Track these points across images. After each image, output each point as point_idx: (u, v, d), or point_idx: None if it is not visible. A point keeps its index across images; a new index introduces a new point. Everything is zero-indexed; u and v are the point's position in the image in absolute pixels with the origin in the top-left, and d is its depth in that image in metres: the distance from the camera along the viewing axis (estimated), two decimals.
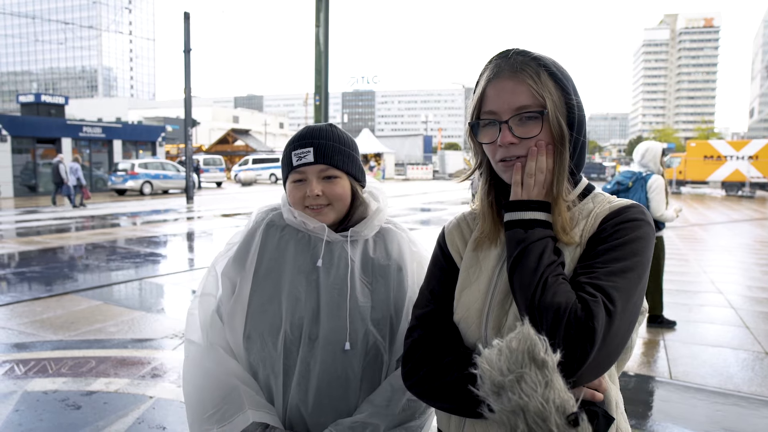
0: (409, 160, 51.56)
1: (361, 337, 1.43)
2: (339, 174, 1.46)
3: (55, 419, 3.63)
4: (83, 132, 28.80)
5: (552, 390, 0.87)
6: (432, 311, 1.24)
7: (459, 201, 21.72)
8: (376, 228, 1.54)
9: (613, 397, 1.11)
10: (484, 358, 0.92)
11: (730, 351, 5.04)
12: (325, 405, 1.42)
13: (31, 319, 5.89)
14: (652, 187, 5.30)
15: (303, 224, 1.47)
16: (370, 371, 1.46)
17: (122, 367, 4.53)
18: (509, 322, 1.10)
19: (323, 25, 12.04)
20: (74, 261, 9.66)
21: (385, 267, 1.51)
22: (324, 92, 12.35)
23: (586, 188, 1.20)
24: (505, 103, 1.11)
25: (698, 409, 3.92)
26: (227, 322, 1.47)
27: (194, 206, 20.54)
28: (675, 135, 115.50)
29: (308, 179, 1.45)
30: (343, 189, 1.47)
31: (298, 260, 1.46)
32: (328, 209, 1.46)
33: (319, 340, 1.42)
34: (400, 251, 1.56)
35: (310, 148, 1.44)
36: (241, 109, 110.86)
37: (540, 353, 0.89)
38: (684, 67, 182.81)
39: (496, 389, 0.89)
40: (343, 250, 1.48)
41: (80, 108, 71.44)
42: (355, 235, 1.50)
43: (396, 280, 1.51)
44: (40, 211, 18.55)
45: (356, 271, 1.47)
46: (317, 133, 1.47)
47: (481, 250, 1.22)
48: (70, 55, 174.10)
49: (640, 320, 1.11)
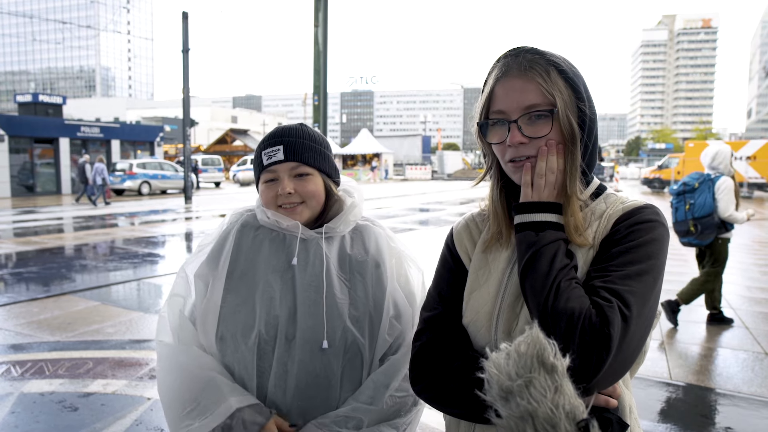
0: (408, 160, 51.54)
1: (340, 335, 1.41)
2: (311, 171, 1.45)
3: (52, 421, 3.60)
4: (81, 132, 28.74)
5: (562, 395, 0.84)
6: (440, 314, 1.21)
7: (458, 201, 21.71)
8: (351, 224, 1.52)
9: (627, 402, 1.09)
10: (492, 362, 0.89)
11: (730, 351, 5.03)
12: (305, 406, 1.40)
13: (28, 320, 5.86)
14: (720, 189, 5.33)
15: (277, 223, 1.45)
16: (350, 370, 1.43)
17: (120, 368, 4.50)
18: (520, 325, 1.08)
19: (322, 25, 12.03)
20: (72, 261, 9.62)
21: (362, 263, 1.49)
22: (323, 92, 12.34)
23: (598, 188, 1.17)
24: (514, 102, 1.08)
25: (698, 410, 3.90)
26: (200, 324, 1.44)
27: (192, 206, 20.51)
28: (673, 135, 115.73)
29: (280, 178, 1.44)
30: (315, 186, 1.46)
31: (272, 260, 1.44)
32: (301, 207, 1.45)
33: (296, 339, 1.39)
34: (378, 247, 1.53)
35: (280, 146, 1.44)
36: (240, 109, 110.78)
37: (549, 357, 0.86)
38: (682, 67, 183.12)
39: (504, 394, 0.86)
40: (318, 247, 1.46)
41: (78, 108, 71.39)
42: (330, 231, 1.48)
43: (374, 277, 1.49)
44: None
45: (333, 267, 1.45)
46: (287, 132, 1.46)
47: (490, 252, 1.19)
48: (68, 54, 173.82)
49: (654, 323, 1.09)
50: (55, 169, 27.58)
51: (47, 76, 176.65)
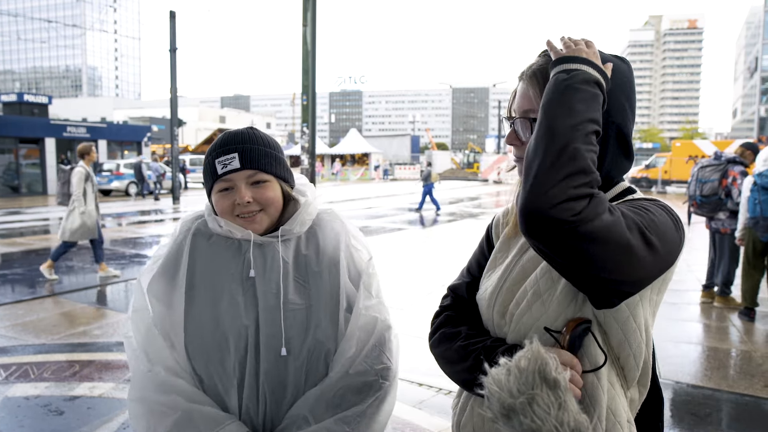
0: (397, 160, 51.50)
1: (300, 341, 1.38)
2: (268, 178, 1.41)
3: (38, 425, 3.55)
4: (67, 132, 28.44)
5: (566, 412, 0.82)
6: (463, 283, 1.34)
7: (446, 201, 21.71)
8: (307, 222, 1.48)
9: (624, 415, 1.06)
10: (492, 378, 0.87)
11: (720, 350, 5.06)
12: (277, 414, 1.37)
13: (12, 323, 5.77)
14: None
15: (230, 233, 1.40)
16: (315, 375, 1.39)
17: (107, 371, 4.44)
18: (511, 309, 1.12)
19: (310, 24, 11.97)
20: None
21: (319, 262, 1.45)
22: (311, 92, 12.28)
23: (627, 190, 1.16)
24: (517, 104, 1.16)
25: (688, 408, 3.92)
26: (167, 342, 1.38)
27: (181, 207, 20.36)
28: (660, 135, 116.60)
29: (236, 186, 1.39)
30: (274, 192, 1.42)
31: (231, 268, 1.40)
32: (261, 215, 1.41)
33: (261, 347, 1.36)
34: (336, 242, 1.50)
35: (235, 154, 1.38)
36: (228, 109, 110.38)
37: (551, 372, 0.84)
38: (669, 67, 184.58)
39: (506, 412, 0.84)
40: (275, 251, 1.42)
41: (64, 108, 70.61)
42: (287, 233, 1.44)
43: (329, 273, 1.45)
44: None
45: (290, 271, 1.42)
46: (240, 138, 1.41)
47: (511, 239, 1.26)
48: (54, 54, 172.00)
49: (652, 322, 1.10)
50: (41, 170, 27.27)
51: (32, 76, 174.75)
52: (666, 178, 28.46)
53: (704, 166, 6.47)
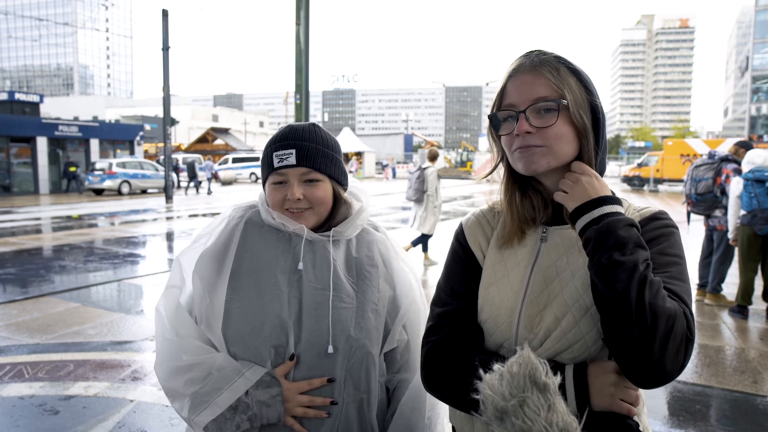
0: (390, 158, 51.52)
1: (345, 339, 1.39)
2: (321, 177, 1.42)
3: (32, 425, 3.55)
4: (59, 131, 28.27)
5: (555, 413, 0.87)
6: (455, 310, 1.22)
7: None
8: (359, 228, 1.50)
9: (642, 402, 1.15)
10: (485, 383, 0.92)
11: (711, 347, 5.11)
12: None
13: (6, 323, 5.76)
14: None
15: (283, 226, 1.43)
16: (356, 374, 1.41)
17: (101, 370, 4.44)
18: (548, 323, 1.10)
19: (304, 23, 11.96)
20: (51, 262, 9.47)
21: (369, 266, 1.48)
22: (304, 91, 12.28)
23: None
24: (524, 94, 1.12)
25: (679, 404, 3.96)
26: (204, 324, 1.41)
27: (174, 206, 20.31)
28: (652, 134, 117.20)
29: (289, 182, 1.41)
30: (324, 192, 1.43)
31: (279, 260, 1.41)
32: (308, 213, 1.43)
33: (302, 342, 1.37)
34: (386, 250, 1.54)
35: (293, 150, 1.40)
36: (221, 107, 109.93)
37: (541, 377, 0.89)
38: (661, 66, 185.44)
39: (499, 414, 0.89)
40: (325, 250, 1.44)
41: (56, 106, 70.26)
42: (338, 235, 1.46)
43: (381, 281, 1.49)
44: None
45: (340, 271, 1.44)
46: (300, 134, 1.42)
47: (506, 248, 1.21)
48: (45, 52, 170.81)
49: None
50: (32, 169, 27.09)
51: (24, 74, 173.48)
52: (658, 176, 28.61)
53: (698, 165, 6.55)
